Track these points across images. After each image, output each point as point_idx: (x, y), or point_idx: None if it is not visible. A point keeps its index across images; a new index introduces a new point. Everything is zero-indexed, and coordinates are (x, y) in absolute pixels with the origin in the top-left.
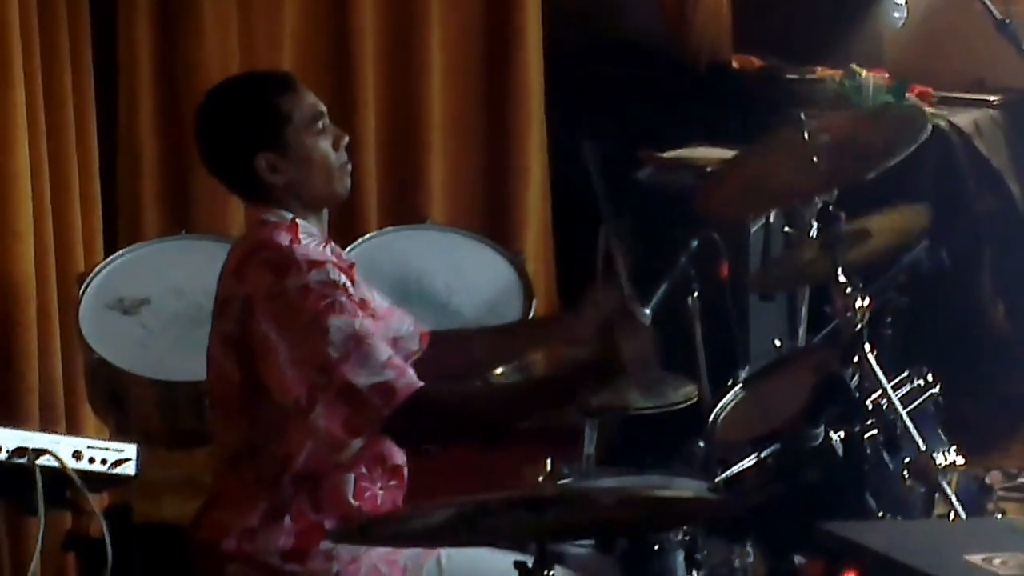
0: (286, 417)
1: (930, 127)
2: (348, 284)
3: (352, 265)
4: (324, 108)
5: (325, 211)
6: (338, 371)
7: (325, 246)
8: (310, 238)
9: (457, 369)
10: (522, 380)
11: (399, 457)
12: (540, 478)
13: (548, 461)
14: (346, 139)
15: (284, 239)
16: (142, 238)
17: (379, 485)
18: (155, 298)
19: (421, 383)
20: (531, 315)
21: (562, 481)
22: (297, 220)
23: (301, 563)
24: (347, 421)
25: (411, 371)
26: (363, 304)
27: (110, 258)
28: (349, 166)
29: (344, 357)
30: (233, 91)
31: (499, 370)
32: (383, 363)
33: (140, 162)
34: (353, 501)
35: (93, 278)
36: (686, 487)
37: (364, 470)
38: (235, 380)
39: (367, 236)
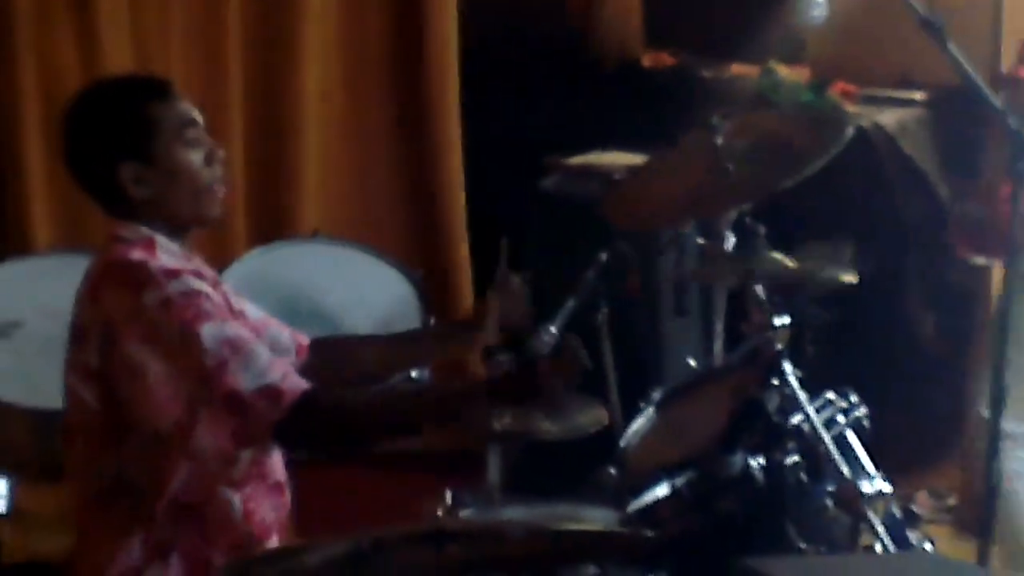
0: (159, 445)
1: (852, 130)
2: (211, 292)
3: (217, 278)
4: (198, 117)
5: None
6: (218, 380)
7: (187, 262)
8: (169, 255)
9: (351, 379)
10: (419, 387)
11: (280, 473)
12: (439, 510)
13: (447, 491)
14: (221, 153)
15: (137, 255)
16: (32, 252)
17: (264, 505)
18: (28, 320)
19: (308, 384)
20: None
21: (464, 512)
22: (156, 237)
23: None
24: (235, 432)
25: (295, 373)
26: (233, 313)
27: None
28: (222, 186)
29: (222, 364)
30: (101, 94)
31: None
32: (265, 366)
33: (24, 168)
34: (242, 526)
35: None
36: (596, 518)
37: (248, 490)
38: (97, 413)
39: (255, 251)
